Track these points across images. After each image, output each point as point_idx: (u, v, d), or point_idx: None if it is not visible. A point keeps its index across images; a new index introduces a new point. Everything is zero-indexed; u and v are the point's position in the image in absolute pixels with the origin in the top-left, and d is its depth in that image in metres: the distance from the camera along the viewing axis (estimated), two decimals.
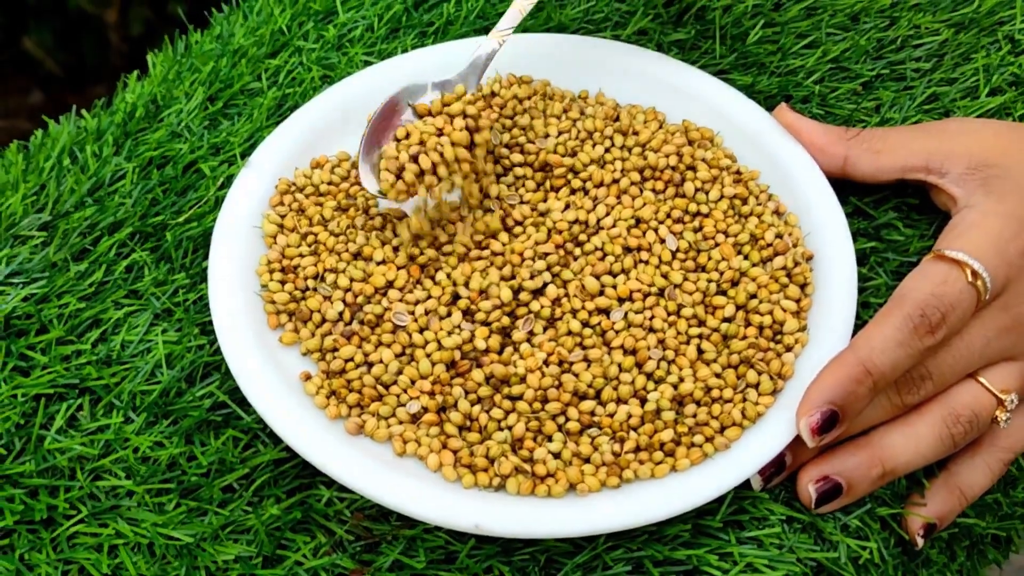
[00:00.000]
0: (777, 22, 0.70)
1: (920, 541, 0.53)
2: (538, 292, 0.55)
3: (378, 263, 0.56)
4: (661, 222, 0.58)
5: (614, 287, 0.55)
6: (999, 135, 0.57)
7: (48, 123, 0.67)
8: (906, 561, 0.55)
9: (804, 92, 0.66)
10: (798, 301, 0.56)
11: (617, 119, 0.63)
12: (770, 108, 0.65)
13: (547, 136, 0.61)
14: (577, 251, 0.56)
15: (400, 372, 0.53)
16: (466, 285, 0.55)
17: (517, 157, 0.60)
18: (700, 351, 0.54)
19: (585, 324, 0.54)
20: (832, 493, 0.51)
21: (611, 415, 0.53)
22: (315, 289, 0.56)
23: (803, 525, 0.52)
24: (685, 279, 0.56)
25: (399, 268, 0.56)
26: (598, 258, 0.56)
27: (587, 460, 0.52)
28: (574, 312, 0.54)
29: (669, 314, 0.55)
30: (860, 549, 0.52)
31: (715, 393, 0.53)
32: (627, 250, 0.57)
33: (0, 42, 1.33)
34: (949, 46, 0.69)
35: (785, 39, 0.69)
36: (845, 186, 0.61)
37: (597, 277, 0.55)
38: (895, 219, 0.60)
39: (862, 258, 0.59)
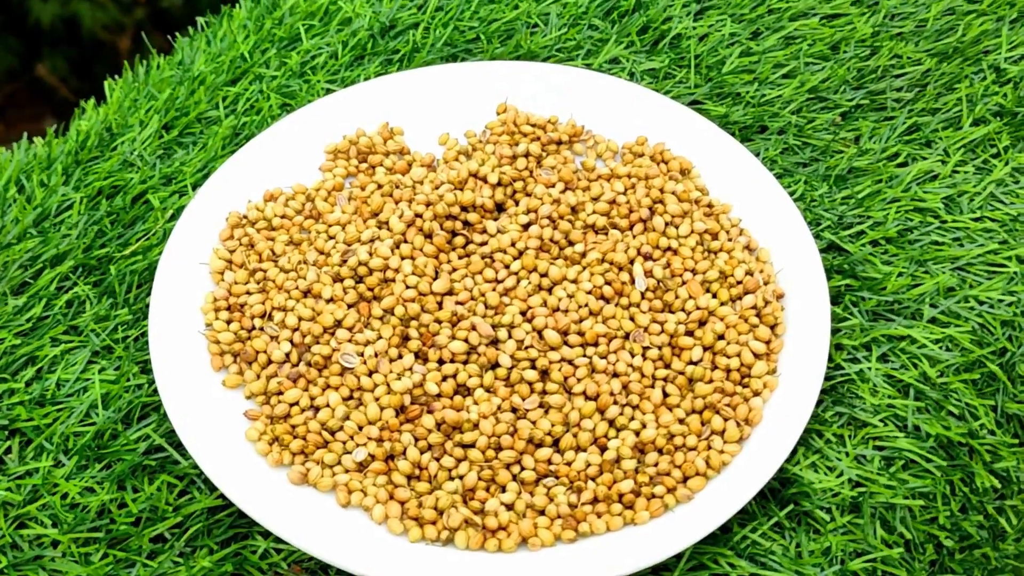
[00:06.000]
0: (754, 51, 0.67)
1: None
2: (496, 341, 0.52)
3: (327, 301, 0.53)
4: (632, 261, 0.55)
5: (580, 334, 0.53)
6: None
7: None
8: None
9: (780, 123, 0.63)
10: (768, 343, 0.53)
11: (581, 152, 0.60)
12: (745, 139, 0.63)
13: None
14: (540, 307, 0.53)
15: (347, 417, 0.51)
16: (418, 331, 0.52)
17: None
18: (665, 395, 0.52)
19: (544, 372, 0.51)
20: None
21: (569, 463, 0.50)
22: (262, 328, 0.54)
23: None
24: (652, 321, 0.53)
25: (349, 306, 0.53)
26: (563, 310, 0.53)
27: (542, 512, 0.49)
28: (533, 362, 0.52)
29: (633, 356, 0.52)
30: None
31: (678, 440, 0.50)
32: (598, 299, 0.54)
33: (15, 69, 1.32)
34: (932, 76, 0.66)
35: (762, 68, 0.66)
36: (820, 220, 0.59)
37: (563, 333, 0.52)
38: (871, 255, 0.58)
39: (836, 296, 0.56)
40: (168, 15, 1.38)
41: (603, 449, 0.50)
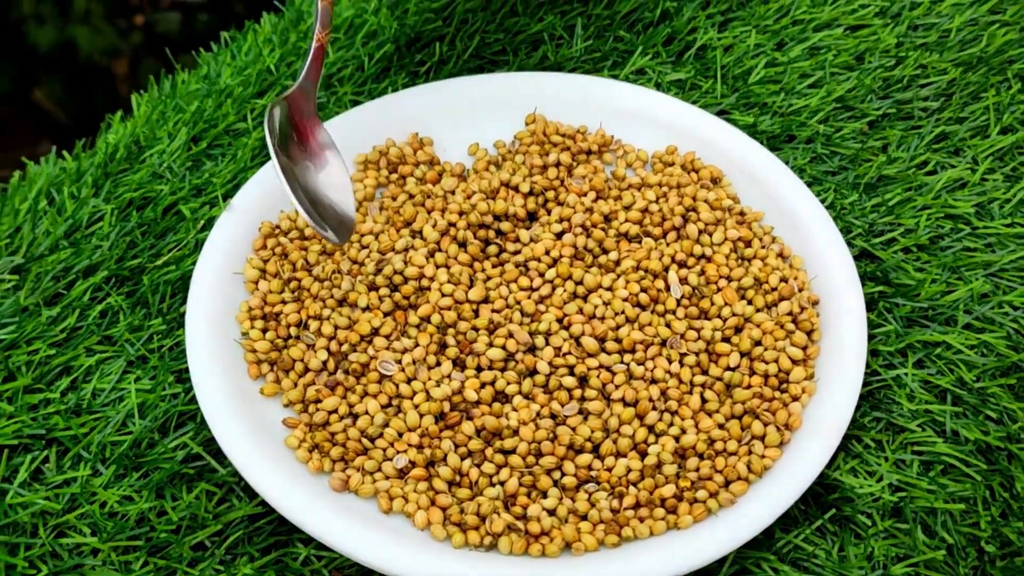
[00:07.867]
0: (779, 61, 0.67)
1: None
2: (533, 348, 0.52)
3: (363, 309, 0.53)
4: (667, 268, 0.55)
5: (617, 340, 0.52)
6: None
7: (27, 164, 0.65)
8: None
9: (808, 132, 0.64)
10: (804, 348, 0.53)
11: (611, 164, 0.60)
12: (773, 148, 0.63)
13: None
14: (576, 314, 0.53)
15: (386, 424, 0.50)
16: (455, 338, 0.52)
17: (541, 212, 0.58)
18: (703, 400, 0.52)
19: (583, 379, 0.51)
20: None
21: (609, 469, 0.50)
22: (298, 337, 0.53)
23: None
24: (689, 327, 0.53)
25: (385, 315, 0.53)
26: (600, 317, 0.53)
27: (584, 517, 0.49)
28: (571, 369, 0.51)
29: (671, 363, 0.52)
30: None
31: (719, 446, 0.50)
32: (634, 306, 0.54)
33: (11, 94, 1.32)
34: (957, 85, 0.66)
35: (788, 78, 0.66)
36: (850, 228, 0.59)
37: (600, 339, 0.52)
38: (904, 262, 0.58)
39: (870, 303, 0.56)
40: (165, 40, 1.39)
41: (643, 455, 0.50)
